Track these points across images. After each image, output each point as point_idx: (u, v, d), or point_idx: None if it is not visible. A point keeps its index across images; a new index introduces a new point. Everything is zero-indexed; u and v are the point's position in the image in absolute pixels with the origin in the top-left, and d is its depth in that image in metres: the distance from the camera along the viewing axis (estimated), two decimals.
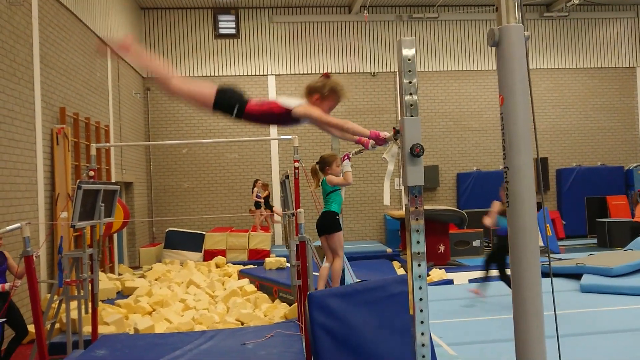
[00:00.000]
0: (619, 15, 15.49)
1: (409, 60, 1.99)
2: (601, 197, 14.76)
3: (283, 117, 2.98)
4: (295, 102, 2.96)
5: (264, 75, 14.29)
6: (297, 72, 14.38)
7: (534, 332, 1.58)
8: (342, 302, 3.57)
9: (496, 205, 6.93)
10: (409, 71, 1.93)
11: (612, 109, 15.46)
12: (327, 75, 3.02)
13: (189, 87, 2.95)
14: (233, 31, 14.22)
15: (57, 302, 5.54)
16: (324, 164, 4.71)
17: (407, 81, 2.01)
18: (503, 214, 6.81)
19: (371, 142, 3.00)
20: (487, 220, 6.91)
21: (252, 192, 12.33)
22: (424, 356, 2.12)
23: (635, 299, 6.62)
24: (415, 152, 1.98)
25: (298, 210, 4.64)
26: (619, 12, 15.48)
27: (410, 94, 1.92)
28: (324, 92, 2.99)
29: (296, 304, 6.14)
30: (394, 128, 2.19)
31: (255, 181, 12.47)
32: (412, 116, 2.01)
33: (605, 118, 15.42)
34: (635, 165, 14.90)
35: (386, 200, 2.52)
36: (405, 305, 2.33)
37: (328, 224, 4.33)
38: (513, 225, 1.55)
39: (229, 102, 2.88)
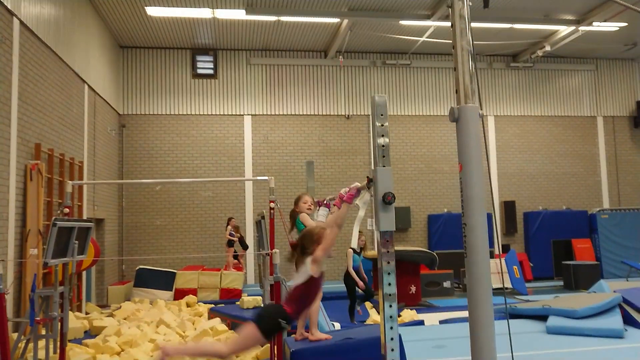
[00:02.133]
0: (580, 68, 16.34)
1: (382, 115, 2.18)
2: (567, 240, 15.19)
3: (311, 282, 3.17)
4: (306, 270, 3.15)
5: (240, 115, 14.51)
6: (273, 113, 14.65)
7: None
8: None
9: None
10: (382, 125, 2.11)
11: (576, 155, 16.11)
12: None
13: (235, 344, 3.09)
14: (211, 71, 14.49)
15: (24, 341, 5.45)
16: (296, 201, 4.78)
17: (380, 138, 2.18)
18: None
19: (349, 197, 3.15)
20: None
21: (226, 230, 12.34)
22: None
23: (598, 340, 6.81)
24: (387, 199, 2.14)
25: (273, 250, 4.73)
26: (580, 64, 16.35)
27: (383, 156, 2.09)
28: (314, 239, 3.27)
29: (269, 344, 6.14)
30: (367, 177, 2.36)
31: (229, 219, 12.49)
32: (384, 166, 2.18)
33: (569, 164, 16.04)
34: (598, 209, 15.44)
35: (354, 243, 2.66)
36: None
37: None
38: (470, 273, 1.71)
39: (273, 324, 3.04)
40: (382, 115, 2.20)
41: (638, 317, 7.49)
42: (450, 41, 1.88)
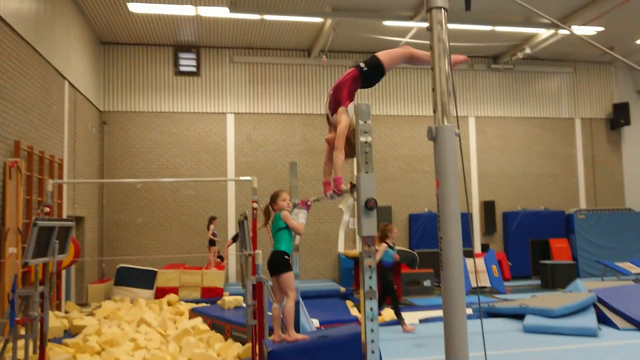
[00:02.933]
0: (559, 70, 16.64)
1: (365, 122, 2.23)
2: (544, 239, 15.47)
3: (340, 98, 3.74)
4: (351, 110, 3.67)
5: (223, 113, 14.47)
6: (256, 112, 14.64)
7: None
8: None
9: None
10: (365, 142, 2.16)
11: (554, 156, 16.41)
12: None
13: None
14: (194, 69, 14.41)
15: (3, 342, 5.40)
16: (273, 198, 4.69)
17: (364, 140, 2.24)
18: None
19: (329, 192, 3.21)
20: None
21: (209, 229, 12.29)
22: None
23: (574, 339, 6.98)
24: (369, 205, 2.19)
25: (255, 251, 4.76)
26: (559, 67, 16.64)
27: (366, 163, 2.14)
28: (351, 140, 3.48)
29: (250, 343, 6.17)
30: (350, 182, 2.41)
31: (212, 218, 12.43)
32: (367, 173, 2.23)
33: (547, 165, 16.33)
34: (575, 210, 15.75)
35: (340, 248, 2.72)
36: None
37: (276, 264, 4.35)
38: (446, 283, 1.78)
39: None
40: (365, 122, 2.25)
41: (611, 316, 7.69)
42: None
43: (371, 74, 3.75)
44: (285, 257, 4.36)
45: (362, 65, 3.74)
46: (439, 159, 1.76)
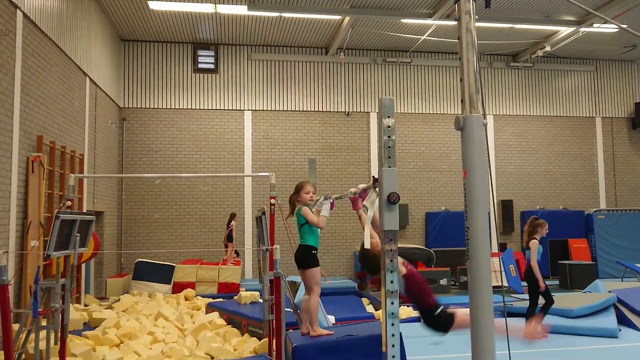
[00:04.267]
0: (580, 68, 16.41)
1: (389, 117, 2.23)
2: (563, 239, 15.29)
3: (408, 279, 3.74)
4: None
5: (240, 110, 14.54)
6: (273, 109, 14.68)
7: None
8: (328, 358, 3.65)
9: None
10: (389, 137, 2.16)
11: (574, 155, 16.19)
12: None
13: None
14: (212, 66, 14.50)
15: (25, 332, 5.49)
16: (296, 189, 4.66)
17: (387, 137, 2.24)
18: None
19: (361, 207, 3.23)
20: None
21: (231, 225, 12.43)
22: None
23: (593, 339, 6.90)
24: (392, 199, 2.19)
25: (273, 246, 4.78)
26: (580, 65, 16.41)
27: (389, 157, 2.14)
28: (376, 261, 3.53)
29: (266, 338, 6.20)
30: (373, 176, 2.41)
31: (234, 215, 12.59)
32: (389, 167, 2.23)
33: (567, 164, 16.12)
34: (595, 210, 15.54)
35: (367, 244, 2.72)
36: None
37: (303, 258, 4.37)
38: (473, 274, 1.77)
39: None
40: (389, 116, 2.24)
41: (632, 317, 7.59)
42: (451, 40, 1.93)
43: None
44: (313, 251, 4.37)
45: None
46: (467, 148, 1.75)
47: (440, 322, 3.38)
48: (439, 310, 3.31)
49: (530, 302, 7.08)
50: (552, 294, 7.04)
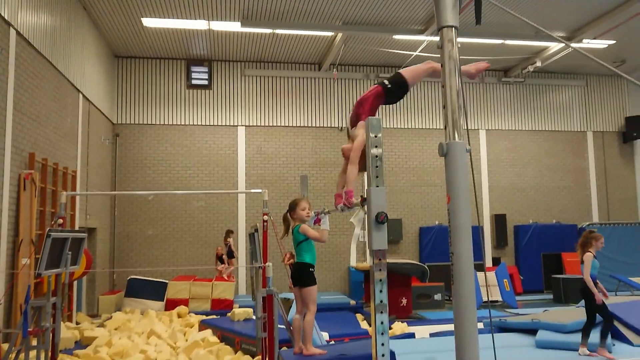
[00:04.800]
0: (571, 83, 16.59)
1: (376, 137, 2.25)
2: (556, 253, 15.32)
3: (358, 112, 3.75)
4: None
5: (234, 125, 14.57)
6: (266, 124, 14.73)
7: None
8: None
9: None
10: (376, 156, 2.18)
11: (566, 169, 16.30)
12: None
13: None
14: (205, 82, 14.56)
15: (15, 352, 5.43)
16: (291, 207, 4.59)
17: (374, 161, 2.26)
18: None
19: (340, 205, 3.23)
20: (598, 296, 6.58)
21: (228, 242, 12.52)
22: None
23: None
24: (380, 219, 2.20)
25: (266, 264, 4.77)
26: (571, 80, 16.60)
27: (377, 177, 2.16)
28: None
29: (259, 356, 6.17)
30: (361, 196, 2.43)
31: (231, 232, 12.68)
32: (377, 187, 2.25)
33: (559, 178, 16.22)
34: (587, 223, 15.60)
35: (352, 262, 2.73)
36: None
37: (302, 276, 4.34)
38: (457, 298, 1.78)
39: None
40: (376, 136, 2.27)
41: (625, 331, 7.58)
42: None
43: (395, 90, 3.78)
44: (311, 269, 4.34)
45: (386, 82, 3.78)
46: (450, 174, 1.78)
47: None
48: None
49: (587, 319, 6.81)
50: (608, 312, 6.72)
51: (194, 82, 14.51)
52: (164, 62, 14.45)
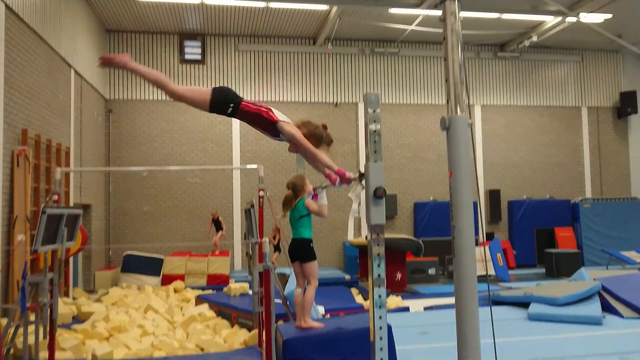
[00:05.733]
0: (566, 58, 16.52)
1: (374, 112, 2.24)
2: (549, 228, 15.46)
3: (269, 125, 3.30)
4: (284, 119, 3.24)
5: None
6: (261, 100, 14.62)
7: (473, 352, 1.83)
8: (318, 351, 3.67)
9: None
10: (374, 131, 2.17)
11: (560, 145, 16.34)
12: (324, 126, 3.37)
13: (186, 90, 3.25)
14: (199, 57, 14.39)
15: (13, 327, 5.47)
16: (298, 188, 4.60)
17: (373, 135, 2.25)
18: None
19: (337, 180, 3.22)
20: None
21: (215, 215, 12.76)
22: None
23: (578, 327, 7.00)
24: (378, 194, 2.21)
25: (263, 239, 4.79)
26: (566, 55, 16.52)
27: (375, 152, 2.16)
28: (312, 130, 3.28)
29: (256, 330, 6.23)
30: (359, 171, 2.42)
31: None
32: (375, 162, 2.25)
33: (553, 154, 16.27)
34: (580, 199, 15.72)
35: (350, 237, 2.74)
36: None
37: (303, 251, 4.37)
38: (458, 271, 1.80)
39: (226, 100, 3.20)
40: (374, 111, 2.26)
41: (616, 304, 7.71)
42: (439, 30, 1.95)
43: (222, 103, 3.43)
44: (311, 244, 4.39)
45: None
46: (452, 149, 1.77)
47: (220, 102, 3.22)
48: (231, 109, 3.20)
49: None
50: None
51: (187, 57, 14.34)
52: (156, 36, 14.25)
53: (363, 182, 2.41)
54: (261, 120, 3.31)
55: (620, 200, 15.66)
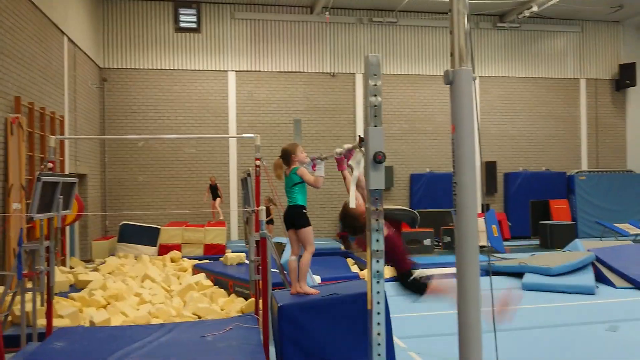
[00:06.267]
0: (566, 29, 16.33)
1: (375, 75, 2.20)
2: (544, 200, 15.54)
3: (389, 239, 3.52)
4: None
5: (224, 71, 14.28)
6: (257, 69, 14.45)
7: (473, 321, 1.83)
8: (313, 316, 3.70)
9: None
10: (375, 85, 2.13)
11: (557, 117, 16.29)
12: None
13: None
14: (194, 25, 14.11)
15: (11, 295, 5.48)
16: (289, 154, 4.56)
17: (372, 87, 2.21)
18: None
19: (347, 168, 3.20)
20: None
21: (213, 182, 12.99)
22: (379, 344, 2.33)
23: (570, 296, 7.11)
24: (378, 159, 2.18)
25: (259, 207, 4.78)
26: (566, 26, 16.32)
27: (375, 116, 2.12)
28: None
29: (253, 298, 6.28)
30: (359, 136, 2.39)
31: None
32: (375, 126, 2.21)
33: (550, 126, 16.23)
34: (576, 171, 15.76)
35: (352, 204, 2.72)
36: None
37: (297, 218, 4.36)
38: (459, 230, 1.78)
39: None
40: (375, 75, 2.21)
41: (609, 274, 7.81)
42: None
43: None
44: (304, 210, 4.38)
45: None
46: (456, 103, 1.74)
47: (413, 287, 3.62)
48: (412, 277, 3.54)
49: None
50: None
51: (182, 25, 14.06)
52: (151, 4, 13.98)
53: (362, 149, 2.38)
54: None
55: (616, 172, 15.71)
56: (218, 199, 12.96)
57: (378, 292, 2.38)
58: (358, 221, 3.72)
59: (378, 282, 2.37)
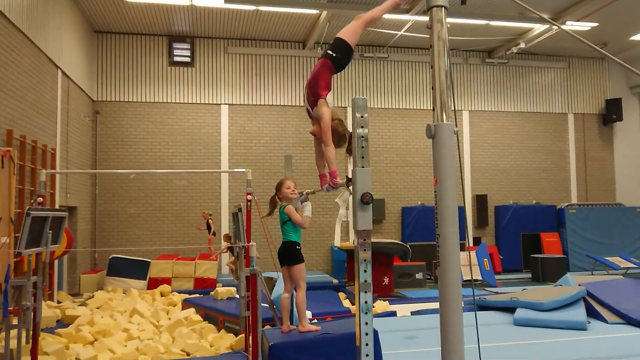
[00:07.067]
0: (553, 65, 16.70)
1: (362, 117, 2.24)
2: (535, 233, 15.60)
3: (315, 94, 3.66)
4: (326, 98, 3.62)
5: (217, 104, 14.41)
6: (250, 103, 14.60)
7: (456, 358, 1.83)
8: (305, 356, 3.66)
9: None
10: (362, 127, 2.18)
11: (546, 151, 16.51)
12: (350, 135, 3.55)
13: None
14: (188, 59, 14.33)
15: None
16: (276, 191, 4.62)
17: (360, 142, 2.25)
18: None
19: (325, 186, 3.22)
20: None
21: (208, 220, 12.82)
22: None
23: (564, 332, 7.06)
24: (365, 199, 2.21)
25: (250, 243, 4.77)
26: (553, 62, 16.70)
27: (362, 157, 2.16)
28: (339, 129, 3.63)
29: (243, 334, 6.20)
30: (346, 176, 2.43)
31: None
32: (363, 167, 2.25)
33: (539, 159, 16.43)
34: (566, 204, 15.87)
35: (337, 242, 2.74)
36: None
37: (289, 254, 4.37)
38: (442, 279, 1.80)
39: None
40: (362, 116, 2.26)
41: (600, 309, 7.79)
42: (428, 36, 1.96)
43: (342, 57, 3.77)
44: (297, 247, 4.38)
45: (330, 52, 3.74)
46: (438, 156, 1.78)
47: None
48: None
49: None
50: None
51: (176, 59, 14.27)
52: (145, 38, 14.18)
53: (350, 188, 2.41)
54: (317, 84, 3.65)
55: (605, 206, 15.84)
56: (210, 236, 12.90)
57: (367, 323, 2.37)
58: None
59: (367, 322, 2.37)
